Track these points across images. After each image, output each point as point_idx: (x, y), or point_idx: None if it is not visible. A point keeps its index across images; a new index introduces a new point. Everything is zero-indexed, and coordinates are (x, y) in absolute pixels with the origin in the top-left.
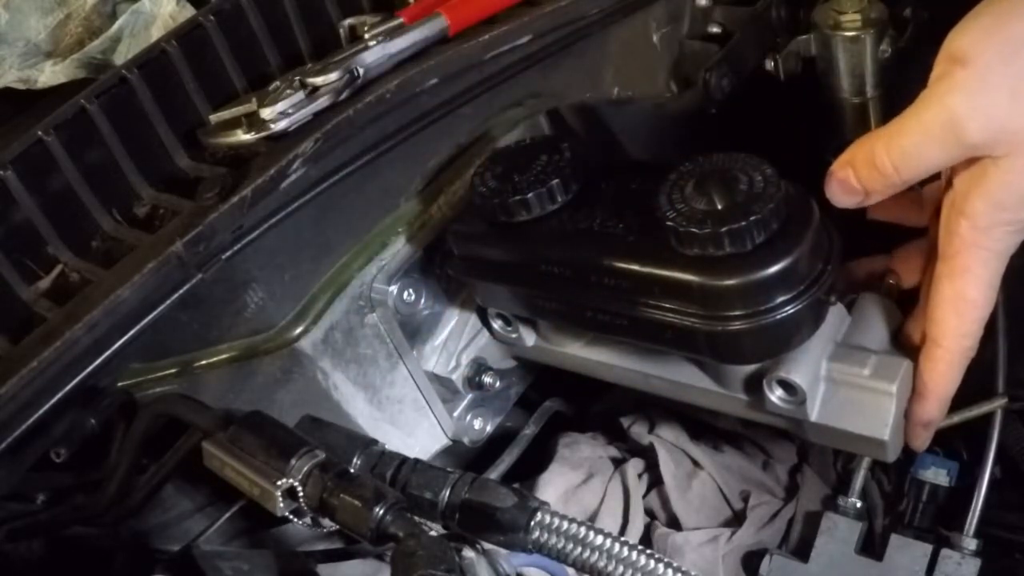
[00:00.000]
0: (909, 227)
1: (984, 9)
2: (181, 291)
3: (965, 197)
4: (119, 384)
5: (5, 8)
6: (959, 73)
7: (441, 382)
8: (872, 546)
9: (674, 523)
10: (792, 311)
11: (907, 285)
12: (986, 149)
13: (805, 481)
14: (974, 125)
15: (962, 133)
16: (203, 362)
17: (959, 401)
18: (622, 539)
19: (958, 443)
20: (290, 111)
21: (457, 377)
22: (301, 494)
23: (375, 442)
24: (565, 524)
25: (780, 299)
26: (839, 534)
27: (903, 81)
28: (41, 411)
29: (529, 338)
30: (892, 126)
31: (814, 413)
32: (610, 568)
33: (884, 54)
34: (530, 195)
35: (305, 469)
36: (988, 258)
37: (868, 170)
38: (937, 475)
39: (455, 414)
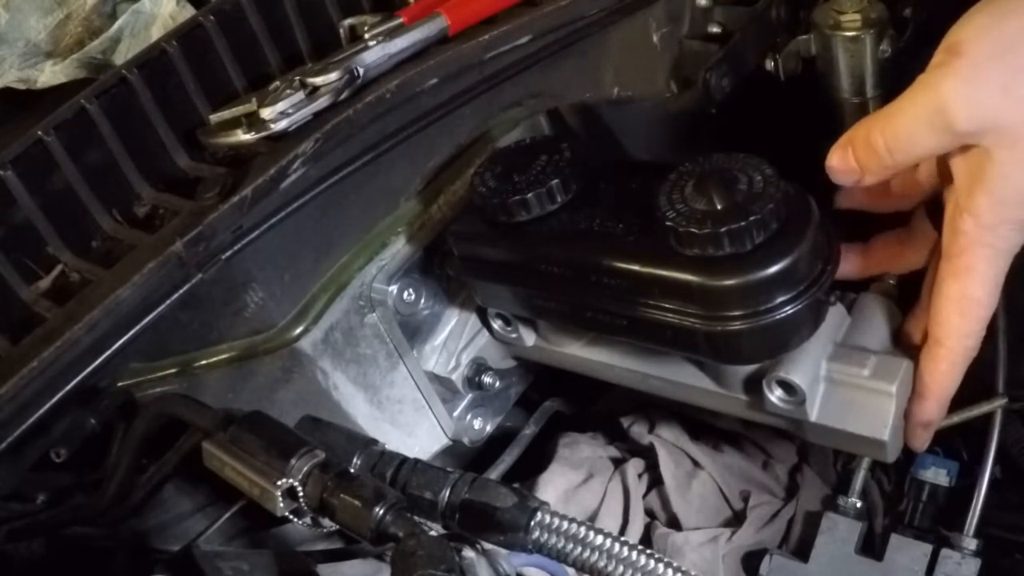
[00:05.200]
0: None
1: (983, 7)
2: (181, 291)
3: (968, 194)
4: (119, 384)
5: (5, 8)
6: (954, 62)
7: (441, 382)
8: (872, 546)
9: (674, 523)
10: (792, 311)
11: (881, 272)
12: (975, 138)
13: (805, 481)
14: (963, 113)
15: (951, 118)
16: (203, 362)
17: (959, 401)
18: (622, 539)
19: (958, 443)
20: (290, 111)
21: (457, 377)
22: (301, 494)
23: (375, 442)
24: (565, 524)
25: (780, 299)
26: (839, 534)
27: (903, 81)
28: (41, 411)
29: (529, 338)
30: (887, 108)
31: (814, 413)
32: (610, 568)
33: (884, 54)
34: (530, 195)
35: (305, 469)
36: (993, 256)
37: (864, 150)
38: (937, 475)
39: (455, 414)
